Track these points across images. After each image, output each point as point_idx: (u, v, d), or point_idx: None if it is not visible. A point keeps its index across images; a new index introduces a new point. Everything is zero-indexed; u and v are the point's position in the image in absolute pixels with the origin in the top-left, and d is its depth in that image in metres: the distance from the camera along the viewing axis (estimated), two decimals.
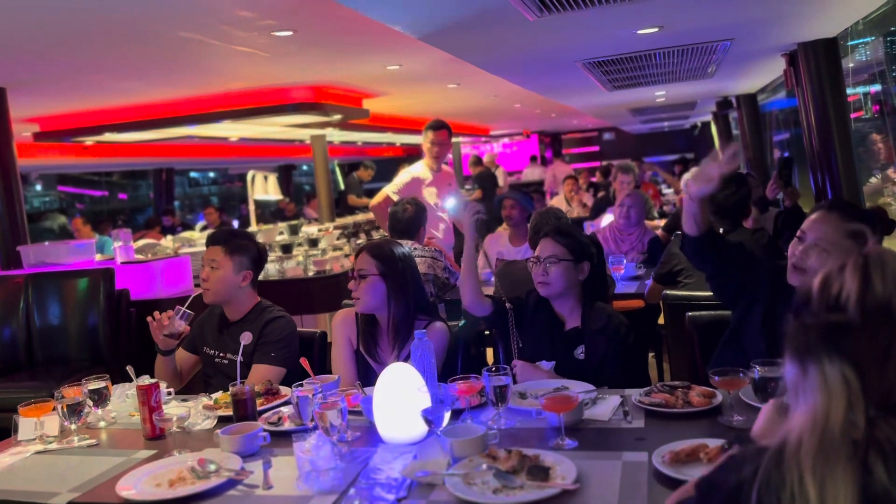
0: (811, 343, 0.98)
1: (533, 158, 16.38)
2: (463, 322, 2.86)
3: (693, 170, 3.45)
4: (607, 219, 5.41)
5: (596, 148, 19.97)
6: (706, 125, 16.25)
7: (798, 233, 2.10)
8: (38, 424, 2.17)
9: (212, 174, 19.59)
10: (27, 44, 3.94)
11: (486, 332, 3.11)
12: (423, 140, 4.79)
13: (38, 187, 15.39)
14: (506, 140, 18.35)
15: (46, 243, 5.03)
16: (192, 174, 18.35)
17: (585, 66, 5.66)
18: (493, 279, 3.95)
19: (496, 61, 5.31)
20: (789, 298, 1.15)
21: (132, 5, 3.31)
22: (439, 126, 4.73)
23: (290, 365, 2.59)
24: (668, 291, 3.40)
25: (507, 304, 2.59)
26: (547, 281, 2.49)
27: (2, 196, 4.81)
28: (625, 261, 4.39)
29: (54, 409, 2.17)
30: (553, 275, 2.48)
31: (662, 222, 5.84)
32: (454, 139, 14.16)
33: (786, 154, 9.06)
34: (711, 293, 2.41)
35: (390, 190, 4.70)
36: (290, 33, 4.06)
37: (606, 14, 3.81)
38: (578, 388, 2.13)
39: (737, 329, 2.29)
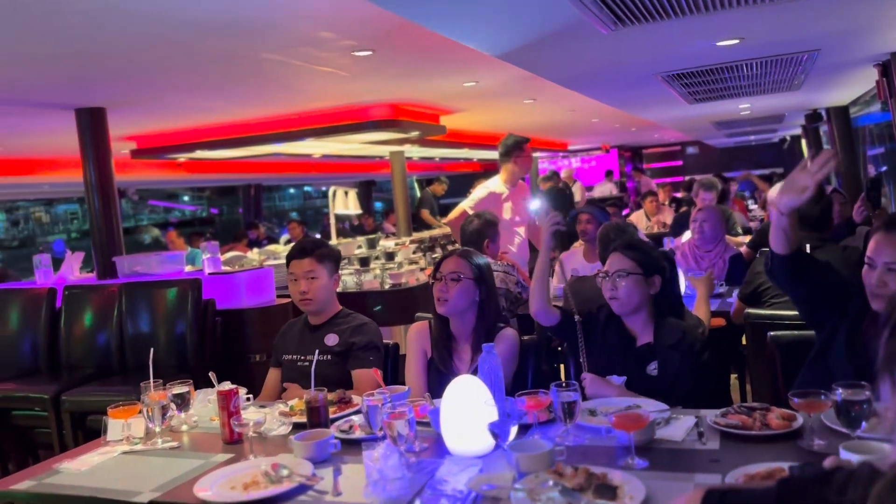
0: None
1: (608, 173, 16.10)
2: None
3: (779, 184, 3.32)
4: (688, 235, 5.27)
5: (679, 162, 19.47)
6: (796, 139, 15.62)
7: (866, 259, 1.99)
8: (125, 426, 2.28)
9: (324, 188, 20.24)
10: (125, 67, 4.19)
11: (559, 348, 3.08)
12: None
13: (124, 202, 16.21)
14: (584, 155, 18.15)
15: (139, 254, 5.30)
16: (307, 188, 18.89)
17: (664, 79, 5.56)
18: (563, 294, 3.91)
19: (572, 76, 5.29)
20: (876, 319, 1.10)
21: (220, 29, 3.48)
22: (524, 141, 4.75)
23: (383, 368, 2.67)
24: (749, 310, 3.28)
25: (576, 317, 2.57)
26: (617, 296, 2.45)
27: (100, 209, 5.13)
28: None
29: (140, 411, 2.28)
30: (623, 289, 2.43)
31: (747, 238, 5.63)
32: (532, 154, 14.16)
33: (875, 173, 8.58)
34: (795, 312, 2.31)
35: (467, 205, 4.74)
36: (369, 53, 4.17)
37: (683, 26, 3.75)
38: (651, 407, 2.08)
39: (823, 350, 2.19)
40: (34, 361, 4.26)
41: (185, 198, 17.79)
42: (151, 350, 2.58)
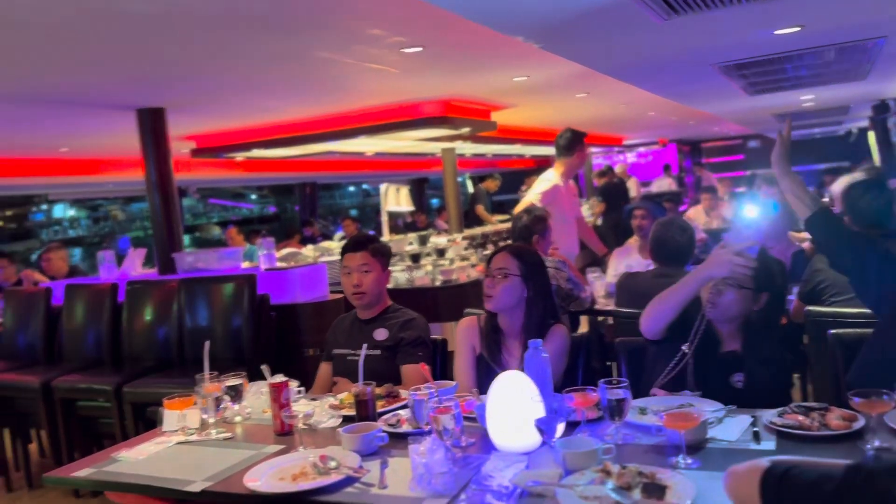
0: None
1: (666, 168, 15.75)
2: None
3: (842, 179, 3.20)
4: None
5: (740, 156, 18.90)
6: (863, 131, 14.99)
7: None
8: (180, 417, 2.34)
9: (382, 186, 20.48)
10: (184, 68, 4.31)
11: (617, 341, 3.01)
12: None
13: (186, 201, 16.73)
14: (641, 149, 17.82)
15: (198, 251, 5.44)
16: (364, 186, 19.17)
17: (720, 70, 5.41)
18: (615, 291, 3.86)
19: (624, 68, 5.20)
20: None
21: (273, 29, 3.54)
22: (584, 135, 4.75)
23: (431, 363, 2.68)
24: (810, 308, 3.16)
25: (684, 347, 2.26)
26: (717, 303, 2.25)
27: (161, 207, 5.29)
28: None
29: (195, 403, 2.34)
30: (726, 298, 2.26)
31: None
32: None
33: None
34: (857, 310, 2.22)
35: (534, 198, 4.72)
36: (419, 49, 4.18)
37: (739, 14, 3.63)
38: (705, 406, 2.03)
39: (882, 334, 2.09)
40: (98, 353, 4.42)
41: (253, 196, 18.26)
42: (206, 343, 2.64)
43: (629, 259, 4.60)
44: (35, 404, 4.01)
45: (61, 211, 14.78)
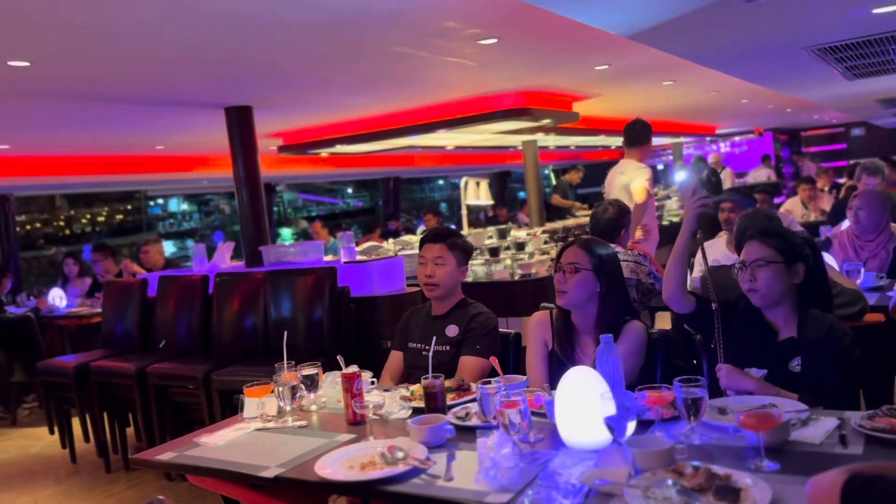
0: None
1: (764, 158, 15.01)
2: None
3: None
4: (847, 223, 4.83)
5: (842, 146, 17.86)
6: None
7: None
8: (259, 404, 2.42)
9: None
10: (270, 67, 4.45)
11: (695, 338, 2.91)
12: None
13: (287, 195, 17.35)
14: (735, 139, 17.12)
15: (282, 244, 5.61)
16: (454, 180, 19.43)
17: (813, 53, 5.10)
18: (700, 285, 3.71)
19: (709, 53, 5.00)
20: None
21: (350, 24, 3.59)
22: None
23: (501, 356, 2.66)
24: None
25: (714, 305, 2.40)
26: (756, 287, 2.27)
27: (248, 202, 5.48)
28: (863, 270, 3.88)
29: (273, 391, 2.41)
30: (762, 280, 2.25)
31: None
32: (675, 139, 13.56)
33: None
34: None
35: (644, 185, 4.74)
36: (494, 41, 4.15)
37: None
38: (789, 408, 1.92)
39: None
40: (189, 342, 4.63)
41: (349, 190, 18.77)
42: (285, 333, 2.73)
43: (716, 252, 4.42)
44: (131, 390, 4.25)
45: (175, 205, 15.71)
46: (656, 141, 13.81)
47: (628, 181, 4.84)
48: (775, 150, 16.83)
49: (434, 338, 2.49)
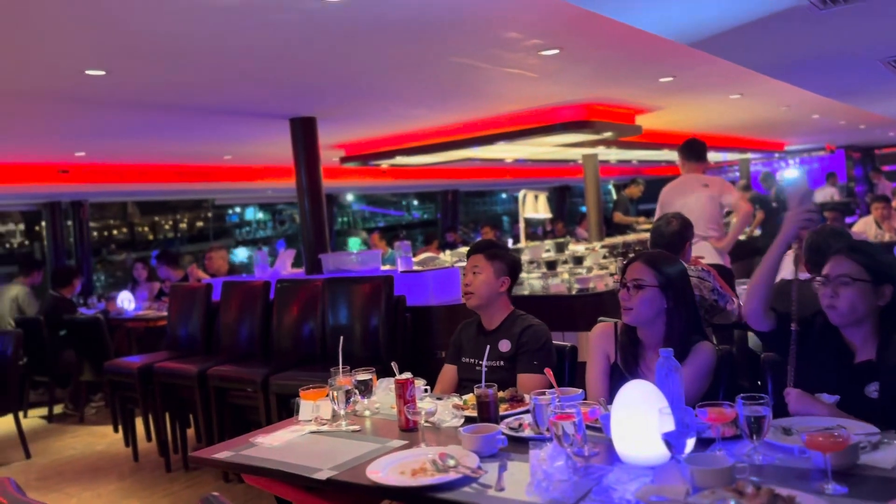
0: None
1: (829, 176, 14.46)
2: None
3: None
4: None
5: None
6: None
7: None
8: (314, 407, 2.45)
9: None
10: (333, 79, 4.53)
11: (763, 356, 2.80)
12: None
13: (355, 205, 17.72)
14: (804, 156, 16.56)
15: (341, 252, 5.69)
16: (517, 194, 19.67)
17: (890, 66, 4.90)
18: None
19: (777, 64, 4.85)
20: None
21: (411, 34, 3.63)
22: None
23: (555, 369, 2.63)
24: None
25: (794, 326, 2.27)
26: (835, 305, 2.14)
27: (310, 212, 5.58)
28: None
29: (328, 395, 2.44)
30: (844, 298, 2.12)
31: None
32: (742, 155, 13.20)
33: None
34: None
35: (739, 196, 4.87)
36: (556, 52, 4.13)
37: None
38: (858, 430, 1.83)
39: None
40: (250, 346, 4.73)
41: (415, 202, 19.07)
42: (341, 339, 2.77)
43: (784, 271, 4.27)
44: (192, 391, 4.36)
45: (252, 214, 16.29)
46: (722, 156, 13.48)
47: (718, 194, 4.80)
48: (847, 168, 16.21)
49: (487, 352, 2.47)
